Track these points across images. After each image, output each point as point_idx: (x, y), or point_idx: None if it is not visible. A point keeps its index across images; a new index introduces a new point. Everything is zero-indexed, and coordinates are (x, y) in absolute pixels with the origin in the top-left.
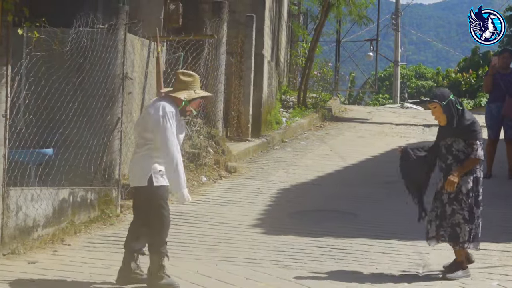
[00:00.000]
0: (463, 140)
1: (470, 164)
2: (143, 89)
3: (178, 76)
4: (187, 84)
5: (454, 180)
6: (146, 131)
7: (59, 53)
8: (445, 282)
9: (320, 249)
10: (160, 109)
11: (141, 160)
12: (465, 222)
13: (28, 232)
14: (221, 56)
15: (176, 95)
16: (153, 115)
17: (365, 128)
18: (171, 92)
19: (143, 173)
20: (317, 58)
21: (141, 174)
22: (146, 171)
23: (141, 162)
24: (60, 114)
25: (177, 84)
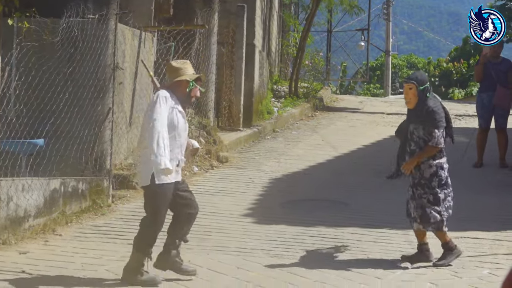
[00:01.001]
0: (423, 128)
1: (428, 151)
2: (134, 79)
3: (170, 65)
4: (182, 69)
5: (409, 165)
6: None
7: (50, 43)
8: (436, 270)
9: (311, 238)
10: (153, 97)
11: (144, 158)
12: (430, 204)
13: (19, 222)
14: (212, 46)
15: (180, 79)
16: (148, 105)
17: (357, 117)
18: (170, 82)
19: (146, 171)
20: (309, 48)
21: (144, 173)
22: (149, 169)
23: (144, 161)
24: (51, 105)
25: (172, 73)
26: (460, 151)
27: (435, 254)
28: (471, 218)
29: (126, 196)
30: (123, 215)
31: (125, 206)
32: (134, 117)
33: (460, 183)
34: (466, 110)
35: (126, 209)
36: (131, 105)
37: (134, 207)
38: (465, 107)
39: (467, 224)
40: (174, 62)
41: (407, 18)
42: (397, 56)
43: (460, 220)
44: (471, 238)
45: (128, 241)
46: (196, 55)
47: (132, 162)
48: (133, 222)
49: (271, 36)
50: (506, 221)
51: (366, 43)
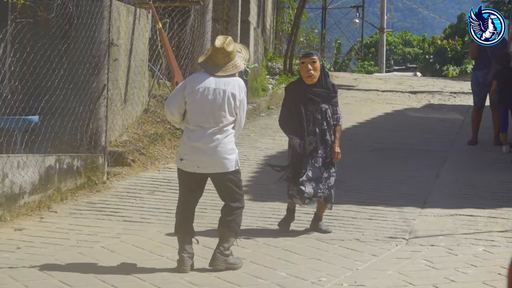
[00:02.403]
0: (330, 106)
1: (340, 130)
2: (129, 56)
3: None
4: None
5: (339, 151)
6: None
7: (45, 19)
8: (431, 247)
9: (306, 215)
10: (243, 84)
11: (229, 144)
12: (333, 185)
13: (14, 199)
14: (207, 23)
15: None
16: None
17: (351, 95)
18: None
19: (234, 156)
20: (303, 25)
21: (233, 158)
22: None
23: (231, 146)
24: (46, 81)
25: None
26: (455, 128)
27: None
28: (466, 196)
29: (121, 173)
30: (118, 192)
31: (120, 183)
32: (129, 94)
33: (455, 161)
34: (461, 87)
35: (121, 186)
36: (126, 82)
37: (129, 184)
38: (460, 85)
39: (462, 202)
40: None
41: None
42: (392, 33)
43: (455, 198)
44: (466, 216)
45: (123, 218)
46: (191, 32)
47: (127, 139)
48: (128, 199)
49: (265, 13)
50: (501, 198)
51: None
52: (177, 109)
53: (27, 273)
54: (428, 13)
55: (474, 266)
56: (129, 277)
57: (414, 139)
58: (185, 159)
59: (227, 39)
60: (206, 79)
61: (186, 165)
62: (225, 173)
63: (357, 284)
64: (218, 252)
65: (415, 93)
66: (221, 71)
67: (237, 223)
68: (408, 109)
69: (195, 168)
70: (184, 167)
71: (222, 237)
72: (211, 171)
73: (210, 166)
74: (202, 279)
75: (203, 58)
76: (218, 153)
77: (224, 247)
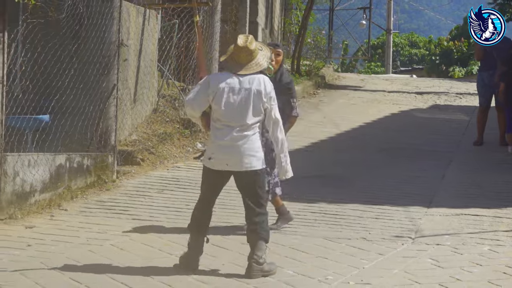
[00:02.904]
0: (283, 96)
1: (293, 122)
2: (138, 56)
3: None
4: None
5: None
6: None
7: (55, 20)
8: (436, 246)
9: (313, 214)
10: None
11: (255, 142)
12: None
13: (25, 197)
14: (216, 23)
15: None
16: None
17: (358, 95)
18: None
19: (261, 155)
20: (311, 26)
21: (259, 157)
22: (261, 152)
23: (258, 145)
24: (56, 81)
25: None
26: (461, 129)
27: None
28: (471, 196)
29: (131, 172)
30: (128, 190)
31: (129, 181)
32: (138, 93)
33: (460, 161)
34: (466, 88)
35: (130, 184)
36: (135, 82)
37: (138, 183)
38: (466, 85)
39: (467, 202)
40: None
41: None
42: (398, 35)
43: (461, 197)
44: (471, 215)
45: (133, 216)
46: None
47: (136, 138)
48: (137, 197)
49: (273, 14)
50: (506, 198)
51: (367, 21)
52: (198, 106)
53: (38, 270)
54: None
55: (479, 265)
56: (138, 275)
57: (420, 139)
58: (213, 158)
59: (248, 37)
60: (230, 79)
61: (214, 163)
62: (251, 171)
63: (363, 282)
64: (254, 261)
65: (421, 94)
66: (244, 70)
67: (265, 229)
68: (415, 110)
69: (224, 166)
70: (212, 165)
71: (253, 245)
72: (238, 168)
73: (237, 163)
74: (210, 277)
75: (225, 57)
76: (245, 150)
77: (257, 255)
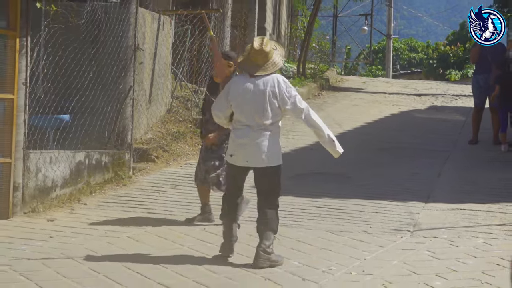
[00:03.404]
0: None
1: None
2: (153, 59)
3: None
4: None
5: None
6: None
7: (75, 25)
8: (434, 239)
9: (318, 209)
10: (285, 80)
11: (273, 139)
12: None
13: (47, 192)
14: (226, 29)
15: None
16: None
17: (360, 97)
18: (270, 70)
19: (279, 151)
20: (316, 32)
21: (277, 153)
22: (279, 148)
23: (275, 141)
24: (76, 83)
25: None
26: (457, 128)
27: (434, 220)
28: (467, 191)
29: (146, 168)
30: (143, 186)
31: (144, 177)
32: (153, 95)
33: (456, 159)
34: (462, 90)
35: (145, 180)
36: (150, 83)
37: (153, 179)
38: (462, 88)
39: (463, 197)
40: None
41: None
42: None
43: (456, 193)
44: (467, 210)
45: (148, 210)
46: None
47: (151, 137)
48: (152, 193)
49: (280, 20)
50: (499, 194)
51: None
52: (222, 113)
53: (59, 260)
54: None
55: (474, 257)
56: (153, 265)
57: (419, 138)
58: (234, 155)
59: (264, 39)
60: (246, 82)
61: (236, 160)
62: (269, 167)
63: (365, 272)
64: (261, 250)
65: (420, 96)
66: (261, 70)
67: (274, 220)
68: (413, 111)
69: (244, 163)
70: (234, 162)
71: (261, 235)
72: (257, 165)
73: (256, 160)
74: (221, 267)
75: (242, 59)
76: (262, 148)
77: (265, 244)
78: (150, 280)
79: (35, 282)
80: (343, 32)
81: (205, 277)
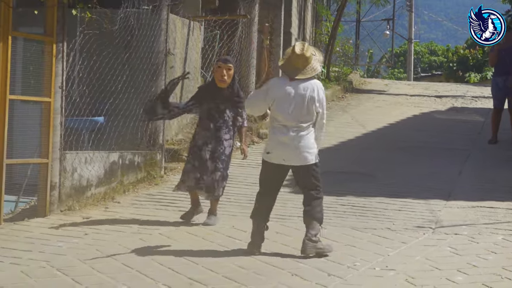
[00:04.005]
0: (231, 107)
1: (246, 132)
2: (183, 63)
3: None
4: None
5: (246, 149)
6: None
7: (109, 31)
8: (455, 236)
9: (342, 206)
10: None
11: (310, 139)
12: (223, 179)
13: (82, 191)
14: (253, 34)
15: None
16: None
17: (383, 99)
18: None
19: (315, 150)
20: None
21: (314, 152)
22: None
23: (312, 141)
24: (110, 86)
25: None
26: (476, 129)
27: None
28: (486, 190)
29: (177, 168)
30: (174, 185)
31: (176, 177)
32: (183, 98)
33: (476, 158)
34: (481, 92)
35: (176, 179)
36: (180, 87)
37: None
38: (481, 90)
39: (483, 195)
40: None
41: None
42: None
43: (477, 191)
44: (487, 208)
45: (179, 208)
46: (239, 42)
47: (182, 138)
48: None
49: (305, 25)
50: None
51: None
52: (257, 110)
53: (94, 256)
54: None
55: (494, 253)
56: (183, 260)
57: (440, 138)
58: (271, 153)
59: (304, 45)
60: (287, 86)
61: (272, 158)
62: (306, 165)
63: (388, 268)
64: (307, 239)
65: (440, 97)
66: (301, 74)
67: (319, 211)
68: (434, 112)
69: (280, 161)
70: (270, 159)
71: (307, 225)
72: (294, 163)
73: (293, 159)
74: (249, 263)
75: (283, 62)
76: (301, 148)
77: (311, 233)
78: (181, 275)
79: (71, 277)
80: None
81: (234, 272)
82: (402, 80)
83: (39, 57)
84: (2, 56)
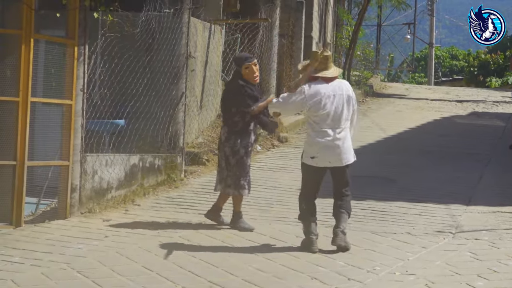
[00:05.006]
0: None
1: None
2: (204, 66)
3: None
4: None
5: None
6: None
7: (130, 34)
8: (475, 241)
9: (362, 211)
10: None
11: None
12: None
13: (102, 193)
14: (274, 37)
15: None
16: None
17: (403, 103)
18: (337, 73)
19: (352, 150)
20: (360, 40)
21: (352, 151)
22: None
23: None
24: (131, 89)
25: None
26: (497, 134)
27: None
28: (507, 195)
29: (197, 171)
30: (194, 188)
31: (196, 180)
32: (204, 101)
33: (497, 163)
34: (502, 97)
35: (197, 183)
36: (201, 90)
37: (204, 181)
38: (502, 94)
39: (503, 200)
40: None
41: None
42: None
43: (497, 196)
44: (507, 213)
45: (199, 211)
46: (260, 45)
47: (202, 141)
48: (203, 194)
49: (326, 29)
50: None
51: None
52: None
53: (114, 258)
54: None
55: None
56: (203, 263)
57: (460, 143)
58: (316, 157)
59: (320, 48)
60: (325, 89)
61: (318, 161)
62: (346, 165)
63: (408, 273)
64: (340, 231)
65: (461, 102)
66: (330, 74)
67: (349, 206)
68: (455, 116)
69: (326, 163)
70: (316, 163)
71: (338, 219)
72: (339, 164)
73: (339, 160)
74: (269, 266)
75: (313, 68)
76: (345, 149)
77: (343, 226)
78: (201, 278)
79: (92, 279)
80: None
81: (254, 275)
82: (423, 84)
83: (60, 60)
84: (24, 59)
